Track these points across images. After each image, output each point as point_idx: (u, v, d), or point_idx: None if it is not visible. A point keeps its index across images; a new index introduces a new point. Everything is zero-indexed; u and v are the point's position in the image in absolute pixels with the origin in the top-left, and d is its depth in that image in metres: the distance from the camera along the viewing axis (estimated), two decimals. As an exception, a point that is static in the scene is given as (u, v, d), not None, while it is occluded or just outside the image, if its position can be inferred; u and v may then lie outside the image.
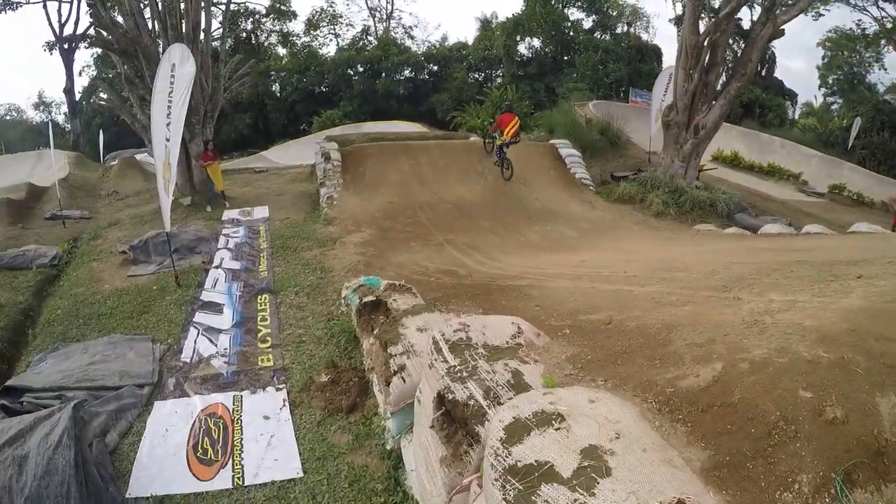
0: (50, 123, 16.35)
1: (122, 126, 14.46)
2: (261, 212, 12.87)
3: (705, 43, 13.63)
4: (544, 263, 7.86)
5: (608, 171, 17.51)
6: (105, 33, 14.16)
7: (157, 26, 14.33)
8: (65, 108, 43.32)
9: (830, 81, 39.38)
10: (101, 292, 8.63)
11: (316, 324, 7.07)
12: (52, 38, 36.15)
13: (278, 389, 5.78)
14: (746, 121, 31.19)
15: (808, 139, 28.76)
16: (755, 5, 30.79)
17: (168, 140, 8.36)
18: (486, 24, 45.81)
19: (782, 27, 13.68)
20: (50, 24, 36.22)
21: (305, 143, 32.94)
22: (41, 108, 53.21)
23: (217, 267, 9.32)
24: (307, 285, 8.24)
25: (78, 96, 38.86)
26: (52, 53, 36.44)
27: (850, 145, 25.89)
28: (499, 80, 41.64)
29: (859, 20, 34.31)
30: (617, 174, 15.69)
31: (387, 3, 49.45)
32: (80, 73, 40.22)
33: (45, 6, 35.73)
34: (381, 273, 8.04)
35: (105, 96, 15.85)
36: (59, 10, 36.11)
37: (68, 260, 10.67)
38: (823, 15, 31.10)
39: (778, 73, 41.18)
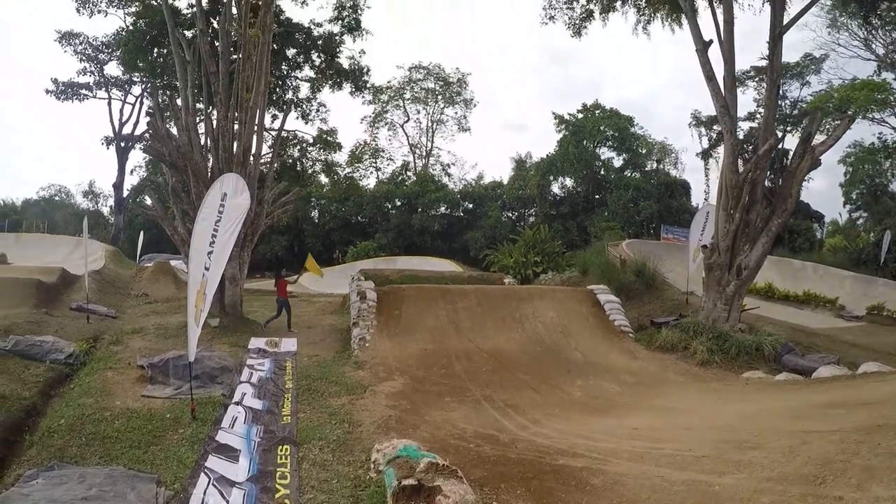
0: (86, 218, 16.63)
1: (162, 230, 14.63)
2: (289, 344, 12.58)
3: (745, 182, 13.56)
4: (594, 431, 7.26)
5: (645, 315, 17.10)
6: (158, 144, 14.63)
7: (209, 144, 14.89)
8: (111, 202, 45.77)
9: (854, 196, 39.22)
10: (110, 409, 8.11)
11: (341, 489, 6.37)
12: (111, 135, 39.14)
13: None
14: (777, 248, 31.02)
15: (839, 260, 28.34)
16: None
17: (207, 269, 8.09)
18: (520, 164, 47.63)
19: (819, 157, 13.66)
20: (111, 120, 39.56)
21: (338, 272, 33.49)
22: (89, 196, 56.08)
23: (238, 403, 8.73)
24: (333, 439, 7.51)
25: (126, 193, 40.92)
26: (108, 148, 39.13)
27: (882, 260, 25.62)
28: (531, 219, 42.49)
29: (880, 133, 34.94)
30: (657, 320, 15.21)
31: (427, 140, 51.98)
32: (131, 172, 43.09)
33: (109, 103, 39.10)
34: (414, 433, 7.54)
35: (150, 203, 16.25)
36: (121, 110, 39.42)
37: (84, 361, 10.32)
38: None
39: (802, 196, 41.56)
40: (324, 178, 41.34)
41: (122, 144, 39.21)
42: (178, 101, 15.74)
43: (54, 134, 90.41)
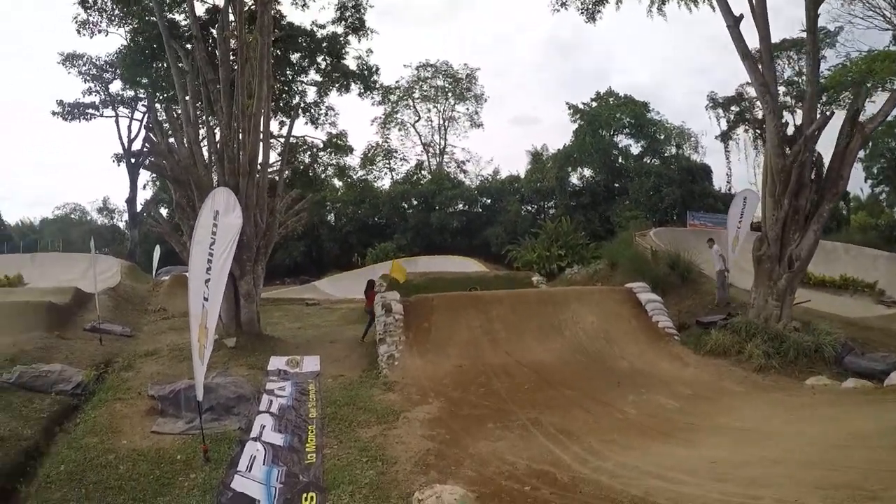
0: (92, 238, 16.10)
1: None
2: (311, 363, 11.73)
3: (793, 165, 12.51)
4: (666, 467, 6.31)
5: (685, 311, 16.08)
6: (159, 159, 13.93)
7: (213, 157, 14.17)
8: (126, 217, 46.04)
9: (875, 171, 37.99)
10: (116, 450, 7.37)
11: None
12: (121, 151, 39.52)
13: None
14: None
15: (869, 238, 27.36)
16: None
17: (206, 300, 7.23)
18: (536, 156, 46.79)
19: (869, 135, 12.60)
20: (120, 138, 39.78)
21: (358, 275, 32.83)
22: (104, 212, 56.45)
23: (256, 439, 7.82)
24: (365, 483, 6.54)
25: (139, 207, 40.75)
26: (118, 165, 39.20)
27: None
28: (552, 211, 41.54)
29: None
30: (703, 320, 14.15)
31: (439, 138, 51.19)
32: (143, 187, 43.34)
33: (116, 121, 39.29)
34: (457, 470, 6.73)
35: (157, 220, 15.61)
36: (129, 126, 39.76)
37: (93, 391, 9.59)
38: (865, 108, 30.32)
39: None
40: (338, 182, 40.76)
41: (133, 160, 39.25)
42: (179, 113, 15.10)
43: (66, 153, 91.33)
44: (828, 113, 12.75)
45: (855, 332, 12.93)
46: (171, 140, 14.13)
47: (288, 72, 23.78)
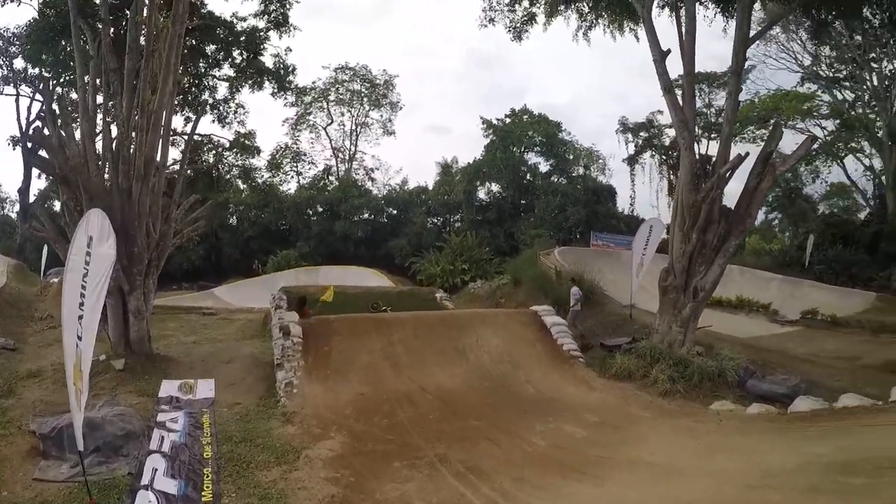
0: None
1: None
2: (205, 388, 10.61)
3: (704, 202, 12.81)
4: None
5: (588, 330, 16.28)
6: (49, 155, 12.31)
7: (107, 156, 12.64)
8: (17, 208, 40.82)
9: (770, 199, 40.85)
10: None
11: None
12: (17, 134, 34.32)
13: None
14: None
15: (763, 262, 29.29)
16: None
17: (80, 339, 6.24)
18: (446, 168, 46.78)
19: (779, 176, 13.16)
20: (18, 118, 34.71)
21: (258, 283, 31.46)
22: None
23: (147, 487, 6.86)
24: None
25: (32, 198, 36.27)
26: (13, 149, 34.55)
27: (807, 262, 26.94)
28: (458, 224, 41.56)
29: (797, 142, 36.16)
30: (608, 343, 14.30)
31: (350, 144, 50.19)
32: (39, 176, 37.46)
33: (16, 99, 34.62)
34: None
35: (40, 222, 13.81)
36: (29, 107, 34.78)
37: None
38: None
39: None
40: (242, 184, 38.89)
41: (30, 145, 34.89)
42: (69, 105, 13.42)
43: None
44: (742, 154, 13.13)
45: (754, 354, 13.45)
46: (62, 133, 12.51)
47: (201, 64, 22.11)
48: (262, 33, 21.78)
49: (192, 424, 8.98)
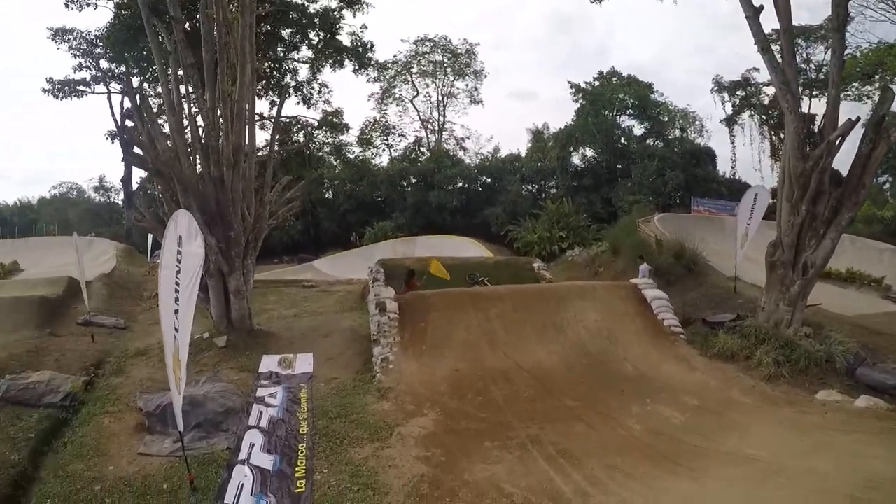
0: (75, 234, 15.55)
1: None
2: (304, 363, 11.16)
3: (813, 170, 11.87)
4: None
5: (689, 305, 15.62)
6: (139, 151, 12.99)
7: (198, 148, 13.25)
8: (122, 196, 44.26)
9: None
10: (102, 478, 6.97)
11: None
12: (114, 129, 37.36)
13: None
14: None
15: (874, 230, 27.15)
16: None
17: (177, 331, 6.72)
18: (538, 135, 45.91)
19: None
20: (112, 115, 37.30)
21: (357, 254, 32.47)
22: (101, 191, 55.14)
23: (244, 462, 7.36)
24: None
25: (135, 186, 39.41)
26: (112, 142, 37.61)
27: None
28: (553, 191, 40.85)
29: None
30: (711, 319, 13.67)
31: (439, 115, 50.15)
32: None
33: (108, 97, 37.08)
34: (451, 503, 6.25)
35: (140, 213, 14.78)
36: (121, 103, 37.30)
37: (82, 401, 9.16)
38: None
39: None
40: (334, 160, 39.96)
41: (126, 138, 37.82)
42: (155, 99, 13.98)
43: (61, 131, 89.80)
44: (853, 118, 11.98)
45: (865, 337, 12.34)
46: (151, 129, 13.15)
47: (279, 48, 22.81)
48: (335, 13, 22.16)
49: (290, 399, 9.48)
